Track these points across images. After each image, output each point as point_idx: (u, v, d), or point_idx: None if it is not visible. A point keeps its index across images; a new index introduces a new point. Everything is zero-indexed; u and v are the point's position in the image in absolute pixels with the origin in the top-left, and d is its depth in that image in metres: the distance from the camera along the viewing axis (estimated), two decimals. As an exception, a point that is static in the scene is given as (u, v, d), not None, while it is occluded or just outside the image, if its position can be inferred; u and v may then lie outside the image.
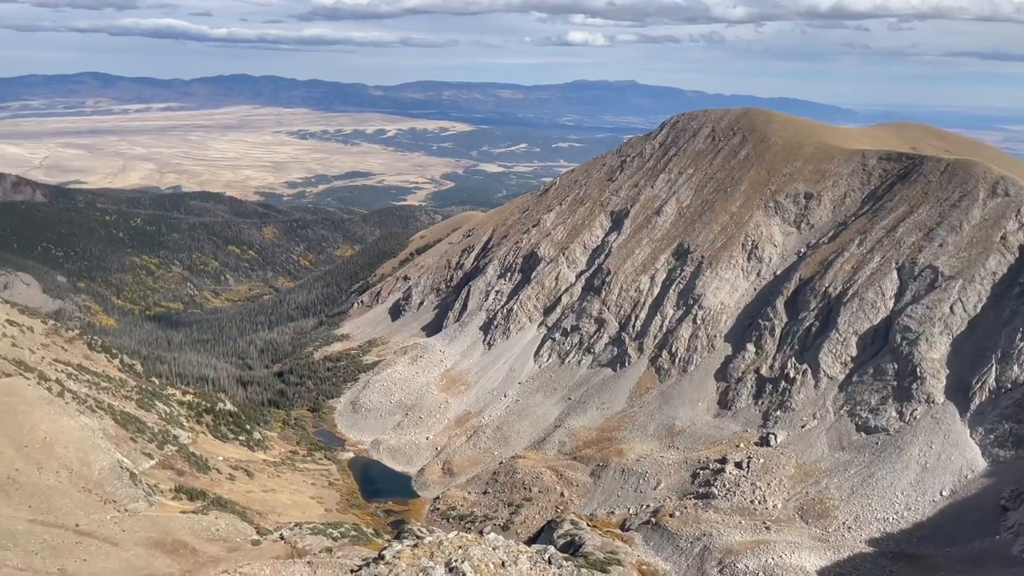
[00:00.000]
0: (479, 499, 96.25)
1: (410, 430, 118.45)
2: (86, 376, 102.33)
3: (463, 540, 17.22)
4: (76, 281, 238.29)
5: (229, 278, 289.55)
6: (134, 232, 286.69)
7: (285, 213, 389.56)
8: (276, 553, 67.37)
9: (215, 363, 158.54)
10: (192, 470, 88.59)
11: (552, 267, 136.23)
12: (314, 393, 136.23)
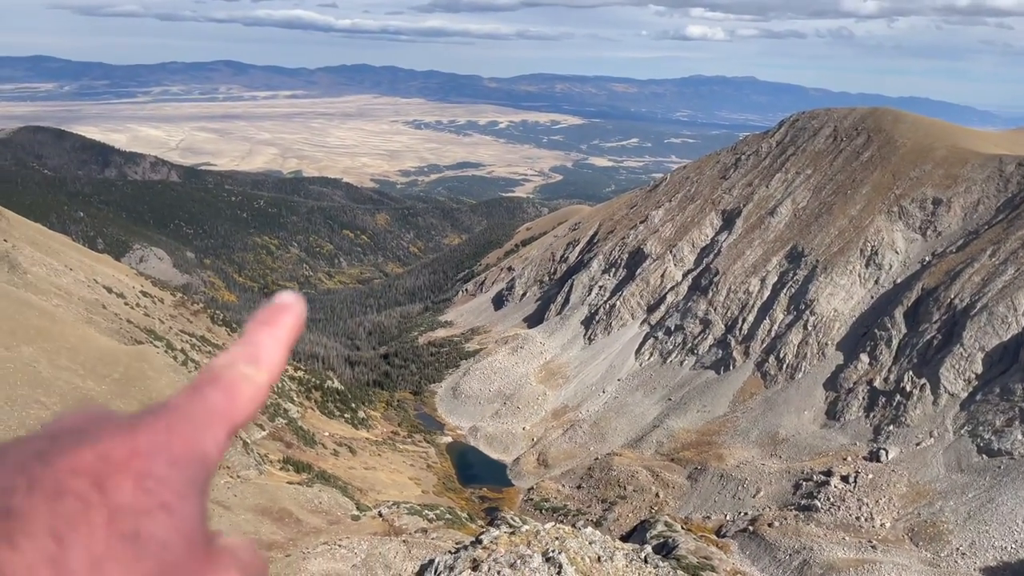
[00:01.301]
0: (573, 493, 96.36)
1: (507, 419, 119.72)
2: (208, 348, 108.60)
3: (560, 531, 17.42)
4: (203, 258, 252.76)
5: (342, 261, 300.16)
6: (257, 213, 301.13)
7: (398, 201, 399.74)
8: (374, 529, 69.69)
9: (326, 342, 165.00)
10: (299, 443, 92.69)
11: (658, 264, 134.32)
12: (417, 377, 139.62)
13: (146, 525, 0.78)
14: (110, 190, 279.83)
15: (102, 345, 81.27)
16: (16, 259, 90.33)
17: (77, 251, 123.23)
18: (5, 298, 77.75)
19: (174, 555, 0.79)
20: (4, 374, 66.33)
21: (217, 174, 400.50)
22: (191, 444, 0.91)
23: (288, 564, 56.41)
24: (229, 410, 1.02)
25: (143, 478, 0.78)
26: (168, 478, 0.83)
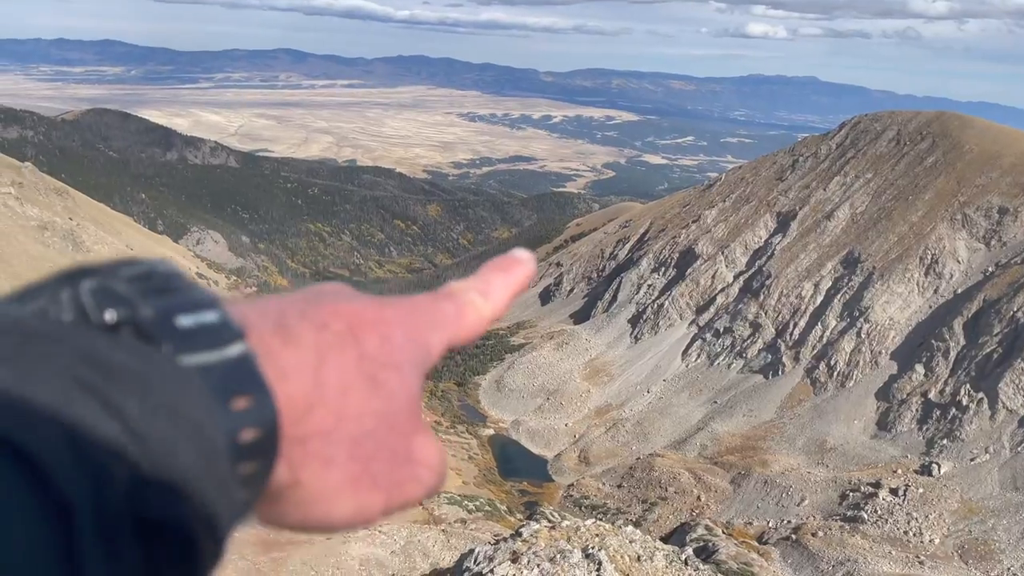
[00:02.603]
0: (613, 492, 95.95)
1: (550, 414, 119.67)
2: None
3: (600, 528, 17.34)
4: (257, 242, 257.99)
5: (393, 250, 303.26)
6: (311, 200, 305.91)
7: (449, 192, 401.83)
8: (414, 517, 70.38)
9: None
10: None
11: (709, 265, 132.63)
12: (461, 368, 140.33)
13: (382, 374, 0.91)
14: (171, 173, 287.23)
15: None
16: (80, 237, 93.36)
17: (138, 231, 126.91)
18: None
19: (397, 407, 0.90)
20: (65, 348, 68.56)
21: (274, 160, 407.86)
22: (423, 332, 1.06)
23: (328, 547, 57.32)
24: (455, 323, 1.18)
25: (386, 339, 0.93)
26: (403, 347, 0.96)
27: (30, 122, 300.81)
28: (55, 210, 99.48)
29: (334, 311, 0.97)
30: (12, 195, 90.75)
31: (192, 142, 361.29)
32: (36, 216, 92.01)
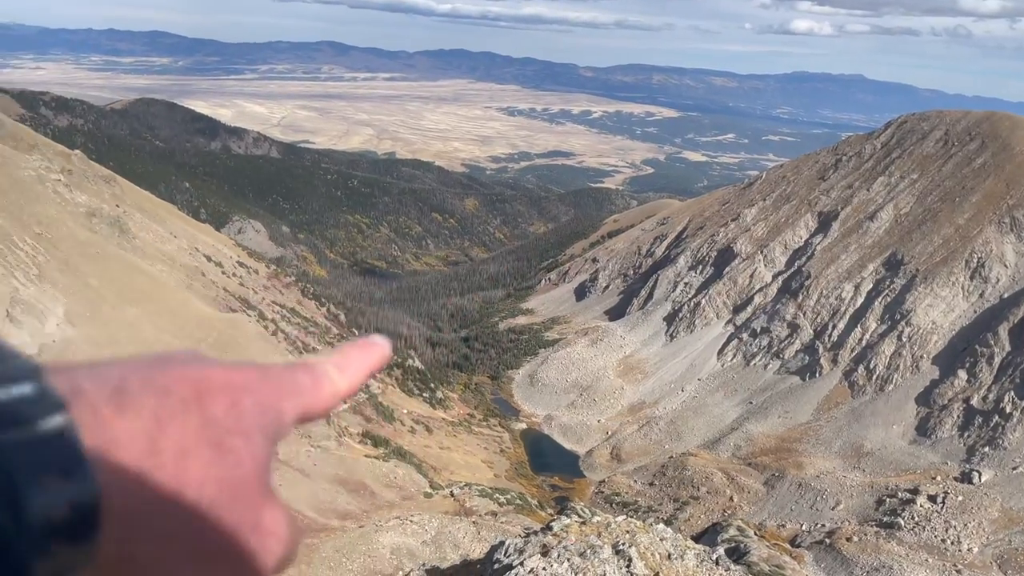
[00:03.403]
0: (644, 489, 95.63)
1: (583, 410, 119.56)
2: (297, 319, 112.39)
3: (631, 525, 17.38)
4: (297, 232, 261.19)
5: (430, 243, 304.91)
6: (350, 192, 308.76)
7: (487, 186, 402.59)
8: (445, 508, 70.97)
9: (409, 321, 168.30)
10: (379, 418, 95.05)
11: (747, 264, 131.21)
12: (495, 362, 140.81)
13: (228, 440, 0.94)
14: (214, 163, 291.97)
15: (199, 311, 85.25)
16: (127, 224, 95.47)
17: (182, 219, 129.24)
18: (116, 261, 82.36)
19: (243, 474, 0.89)
20: (111, 333, 70.43)
21: (315, 152, 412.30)
22: (276, 399, 1.02)
23: (362, 535, 58.10)
24: (310, 394, 1.14)
25: (234, 405, 0.92)
26: (252, 414, 0.94)
27: (80, 110, 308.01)
28: (103, 197, 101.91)
29: (180, 376, 0.94)
30: (62, 182, 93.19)
31: (236, 132, 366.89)
32: (84, 203, 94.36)
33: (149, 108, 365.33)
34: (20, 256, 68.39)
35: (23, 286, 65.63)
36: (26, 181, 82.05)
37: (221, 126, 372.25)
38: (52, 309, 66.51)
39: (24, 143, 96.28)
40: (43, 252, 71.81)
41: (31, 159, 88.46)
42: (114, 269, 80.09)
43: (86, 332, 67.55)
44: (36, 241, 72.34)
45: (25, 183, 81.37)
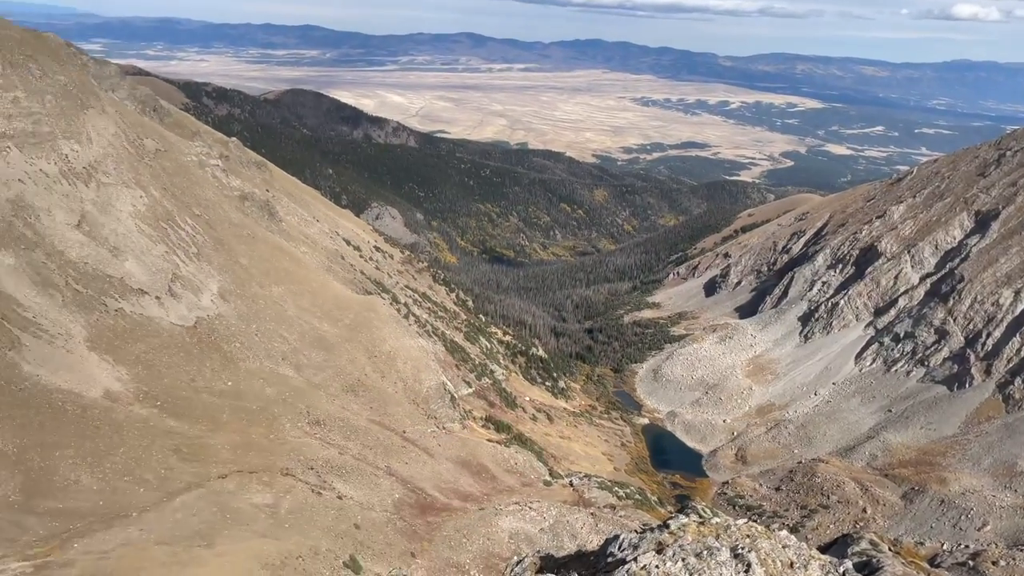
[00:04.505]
0: (770, 494, 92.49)
1: (708, 409, 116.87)
2: (428, 304, 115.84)
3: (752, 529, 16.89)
4: (431, 220, 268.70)
5: (557, 233, 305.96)
6: (482, 181, 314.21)
7: (617, 177, 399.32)
8: (564, 497, 71.41)
9: (534, 310, 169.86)
10: (501, 404, 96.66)
11: (892, 264, 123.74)
12: (619, 355, 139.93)
13: None
14: (356, 151, 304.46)
15: (338, 292, 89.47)
16: (275, 208, 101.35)
17: (324, 205, 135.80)
18: (264, 242, 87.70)
19: None
20: (258, 309, 75.16)
21: (450, 142, 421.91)
22: None
23: (481, 517, 59.47)
24: None
25: None
26: None
27: (238, 100, 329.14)
28: (255, 182, 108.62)
29: None
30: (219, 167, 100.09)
31: (377, 122, 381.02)
32: (238, 187, 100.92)
33: (298, 98, 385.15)
34: (182, 235, 74.07)
35: (183, 263, 71.10)
36: (188, 166, 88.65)
37: (363, 116, 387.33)
38: (207, 285, 71.71)
39: (187, 130, 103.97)
40: (201, 232, 77.43)
41: (193, 145, 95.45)
42: (262, 250, 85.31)
43: (235, 307, 72.41)
44: (196, 222, 78.09)
45: (188, 168, 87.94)
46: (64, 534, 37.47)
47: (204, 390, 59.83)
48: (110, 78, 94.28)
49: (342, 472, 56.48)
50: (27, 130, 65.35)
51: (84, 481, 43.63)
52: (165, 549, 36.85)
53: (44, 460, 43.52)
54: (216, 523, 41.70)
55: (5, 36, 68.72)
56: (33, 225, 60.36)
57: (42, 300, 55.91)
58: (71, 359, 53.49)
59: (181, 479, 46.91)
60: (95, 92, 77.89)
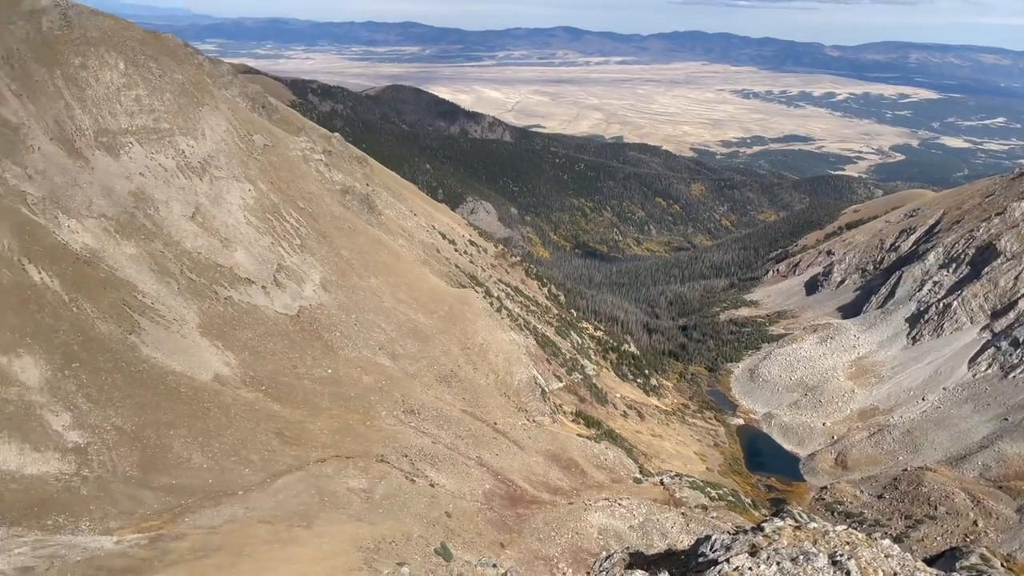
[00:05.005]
0: (872, 501, 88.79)
1: (806, 411, 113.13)
2: (520, 298, 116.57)
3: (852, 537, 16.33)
4: (524, 214, 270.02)
5: (652, 228, 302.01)
6: (576, 176, 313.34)
7: (715, 172, 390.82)
8: (654, 496, 70.66)
9: (626, 306, 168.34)
10: (592, 399, 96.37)
11: (1012, 265, 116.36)
12: (714, 353, 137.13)
13: None
14: (452, 146, 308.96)
15: (433, 284, 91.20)
16: (374, 202, 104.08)
17: (421, 199, 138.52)
18: (364, 235, 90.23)
19: None
20: (357, 300, 77.47)
21: (545, 136, 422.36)
22: None
23: (571, 512, 59.54)
24: None
25: None
26: None
27: (341, 97, 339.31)
28: (355, 176, 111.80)
29: None
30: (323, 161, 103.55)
31: (473, 117, 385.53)
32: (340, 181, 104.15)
33: (398, 94, 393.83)
34: (287, 227, 77.11)
35: (288, 254, 74.02)
36: (294, 160, 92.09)
37: (460, 111, 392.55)
38: (309, 275, 74.42)
39: (293, 126, 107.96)
40: (305, 225, 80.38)
41: (299, 140, 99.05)
42: (361, 242, 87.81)
43: (336, 297, 74.87)
44: (300, 215, 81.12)
45: (293, 162, 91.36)
46: (176, 508, 39.77)
47: (305, 376, 62.20)
48: (223, 76, 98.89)
49: (434, 461, 57.64)
50: (148, 126, 69.38)
51: (195, 459, 46.15)
52: (267, 527, 38.58)
53: (159, 438, 46.27)
54: (314, 505, 43.34)
55: (129, 37, 73.09)
56: (152, 216, 64.09)
57: (159, 287, 59.34)
58: (185, 343, 56.59)
59: (283, 461, 48.97)
60: (209, 90, 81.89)
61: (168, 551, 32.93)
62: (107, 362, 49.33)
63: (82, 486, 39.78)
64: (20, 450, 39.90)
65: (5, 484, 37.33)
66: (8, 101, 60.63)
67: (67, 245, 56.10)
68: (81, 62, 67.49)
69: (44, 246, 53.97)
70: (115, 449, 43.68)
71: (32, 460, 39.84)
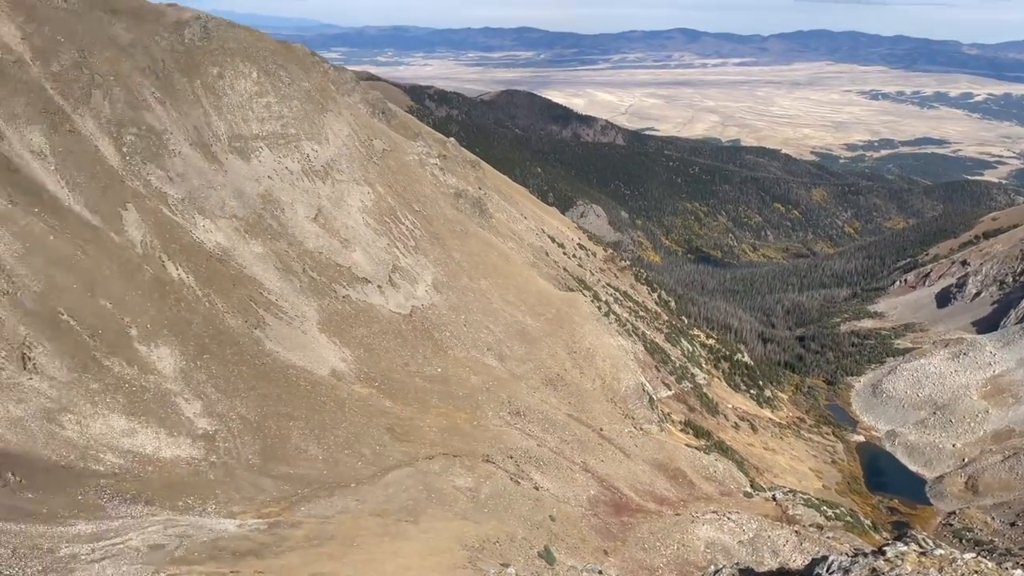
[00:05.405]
0: (1004, 530, 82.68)
1: (934, 431, 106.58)
2: (628, 303, 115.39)
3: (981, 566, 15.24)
4: (635, 218, 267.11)
5: (769, 234, 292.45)
6: (690, 179, 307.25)
7: (838, 176, 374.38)
8: (765, 511, 68.33)
9: (740, 314, 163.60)
10: (702, 409, 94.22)
11: None
12: (833, 366, 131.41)
13: None
14: (564, 150, 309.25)
15: (541, 287, 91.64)
16: (486, 205, 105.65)
17: (532, 202, 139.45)
18: (475, 237, 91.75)
19: None
20: (466, 300, 78.87)
21: (658, 139, 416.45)
22: None
23: (677, 523, 58.41)
24: None
25: None
26: None
27: (456, 102, 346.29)
28: (468, 180, 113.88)
29: None
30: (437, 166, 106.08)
31: (586, 120, 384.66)
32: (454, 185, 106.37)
33: (512, 99, 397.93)
34: (402, 230, 79.41)
35: (402, 255, 76.20)
36: (410, 164, 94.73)
37: (573, 115, 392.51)
38: (422, 276, 76.33)
39: (411, 131, 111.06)
40: (419, 227, 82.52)
41: (415, 145, 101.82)
42: (473, 245, 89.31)
43: (447, 298, 76.46)
44: (415, 217, 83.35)
45: (409, 166, 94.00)
46: (293, 497, 41.64)
47: (416, 374, 63.83)
48: (346, 83, 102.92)
49: (540, 464, 57.88)
50: (276, 132, 73.07)
51: (311, 451, 48.20)
52: (377, 520, 39.80)
53: (279, 429, 48.60)
54: (422, 501, 44.37)
55: (262, 47, 77.25)
56: (278, 217, 67.43)
57: (283, 285, 62.36)
58: (305, 339, 59.22)
59: (393, 456, 50.42)
60: (333, 97, 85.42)
61: (285, 537, 34.52)
62: (234, 354, 52.25)
63: (209, 471, 42.30)
64: (156, 434, 42.85)
65: (143, 465, 40.16)
66: (153, 108, 65.30)
67: (202, 243, 59.83)
68: (219, 72, 71.86)
69: (181, 244, 57.76)
70: (239, 437, 46.21)
71: (166, 444, 42.70)
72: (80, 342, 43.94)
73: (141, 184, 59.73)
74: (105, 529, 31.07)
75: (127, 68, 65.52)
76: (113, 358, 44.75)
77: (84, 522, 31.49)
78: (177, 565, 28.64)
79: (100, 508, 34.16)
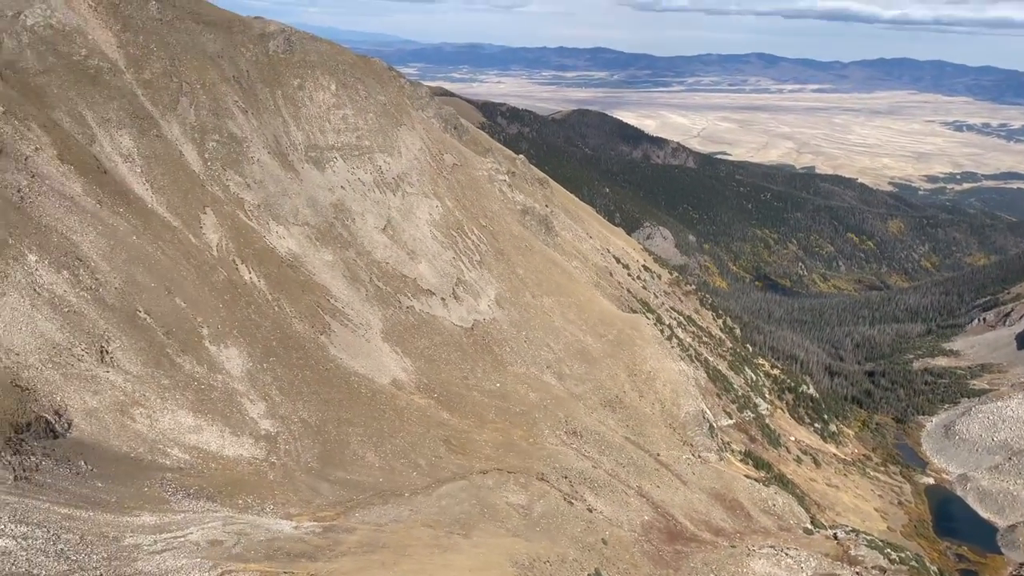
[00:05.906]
0: (1086, 590, 78.13)
1: (1009, 477, 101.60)
2: (692, 328, 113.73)
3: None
4: (703, 242, 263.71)
5: (841, 265, 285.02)
6: (761, 206, 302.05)
7: (916, 208, 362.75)
8: (825, 549, 66.23)
9: (807, 346, 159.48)
10: (763, 440, 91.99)
11: None
12: (903, 403, 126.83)
13: None
14: (633, 171, 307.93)
15: (603, 308, 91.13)
16: (552, 223, 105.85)
17: (598, 222, 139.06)
18: (539, 255, 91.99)
19: None
20: (528, 317, 79.02)
21: (730, 163, 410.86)
22: None
23: (732, 555, 57.09)
24: None
25: None
26: None
27: (528, 120, 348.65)
28: (535, 197, 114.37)
29: None
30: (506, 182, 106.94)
31: (657, 142, 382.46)
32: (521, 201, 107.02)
33: (583, 118, 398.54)
34: (468, 244, 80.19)
35: (467, 269, 76.92)
36: (479, 180, 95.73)
37: (644, 136, 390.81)
38: (485, 291, 76.86)
39: (481, 147, 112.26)
40: (485, 242, 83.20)
41: (485, 161, 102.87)
42: (537, 262, 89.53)
43: (508, 314, 76.77)
44: (481, 232, 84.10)
45: (478, 181, 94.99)
46: (348, 502, 42.31)
47: (475, 388, 64.19)
48: (420, 98, 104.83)
49: (594, 486, 57.42)
50: (351, 143, 74.88)
51: (369, 458, 48.92)
52: (429, 531, 40.10)
53: (339, 434, 49.50)
54: (474, 515, 44.51)
55: (341, 61, 79.39)
56: (349, 227, 68.96)
57: (350, 293, 63.66)
58: (368, 347, 60.27)
59: (447, 468, 50.75)
60: (407, 111, 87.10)
61: (339, 542, 35.08)
62: (299, 359, 53.52)
63: (270, 471, 43.35)
64: (221, 432, 44.15)
65: (206, 462, 41.41)
66: (235, 116, 67.72)
67: (274, 249, 61.61)
68: (299, 83, 74.16)
69: (255, 249, 59.60)
70: (300, 440, 47.24)
71: (230, 443, 43.95)
72: (154, 339, 45.67)
73: (220, 189, 61.93)
74: (168, 522, 32.13)
75: (213, 77, 68.16)
76: (184, 356, 46.36)
77: (148, 514, 32.64)
78: (234, 562, 29.41)
79: (164, 501, 35.35)
